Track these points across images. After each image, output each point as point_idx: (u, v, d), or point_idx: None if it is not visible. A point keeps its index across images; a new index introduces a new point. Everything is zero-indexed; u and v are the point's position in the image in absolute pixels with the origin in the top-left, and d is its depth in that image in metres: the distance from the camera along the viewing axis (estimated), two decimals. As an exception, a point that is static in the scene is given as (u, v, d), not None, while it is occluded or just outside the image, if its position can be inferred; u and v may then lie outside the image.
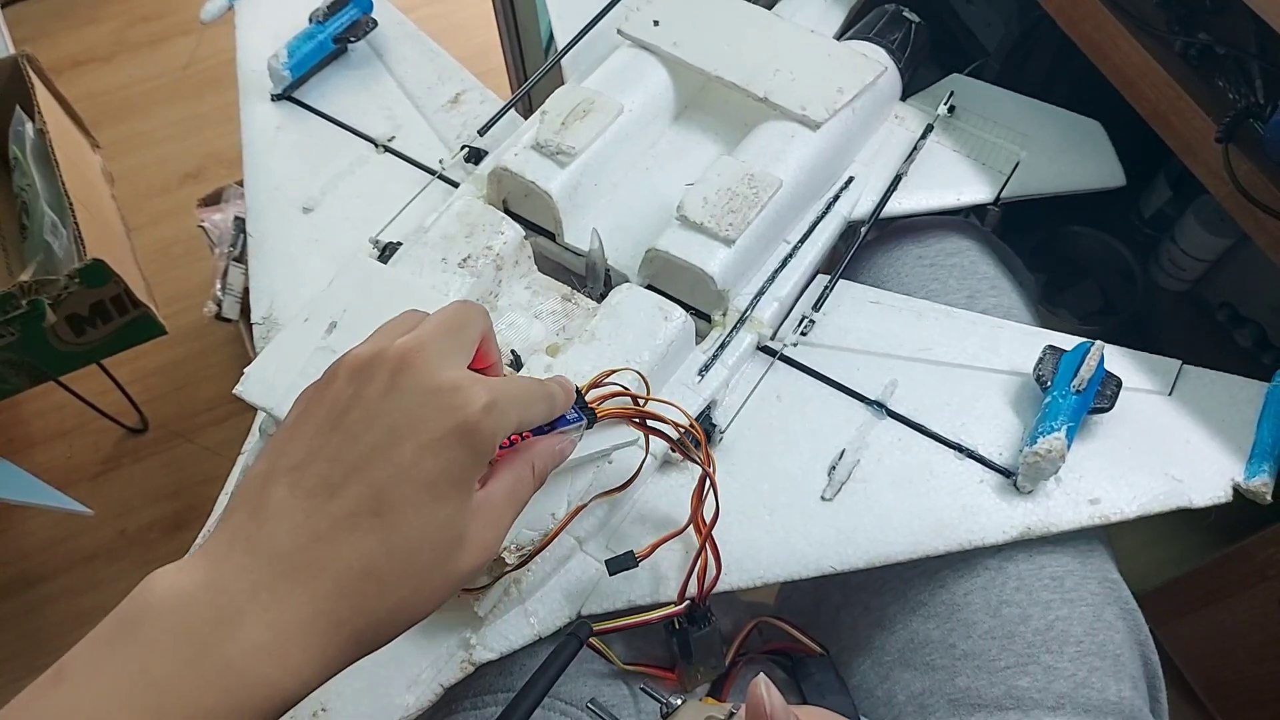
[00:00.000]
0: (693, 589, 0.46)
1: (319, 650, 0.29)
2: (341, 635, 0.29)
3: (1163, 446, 0.51)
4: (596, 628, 0.44)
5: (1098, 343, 0.51)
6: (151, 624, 0.28)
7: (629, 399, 0.45)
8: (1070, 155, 0.64)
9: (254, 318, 0.59)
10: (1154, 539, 0.90)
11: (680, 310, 0.51)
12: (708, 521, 0.45)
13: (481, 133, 0.65)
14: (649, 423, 0.45)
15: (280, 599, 0.28)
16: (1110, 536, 0.54)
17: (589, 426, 0.42)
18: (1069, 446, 0.48)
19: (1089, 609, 0.48)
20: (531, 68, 1.09)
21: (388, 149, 0.66)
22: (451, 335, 0.35)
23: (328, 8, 0.68)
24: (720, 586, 0.47)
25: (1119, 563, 0.52)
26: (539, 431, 0.39)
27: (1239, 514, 0.52)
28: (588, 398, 0.45)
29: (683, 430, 0.45)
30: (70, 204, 0.89)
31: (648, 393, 0.45)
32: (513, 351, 0.52)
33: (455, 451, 0.31)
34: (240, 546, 0.29)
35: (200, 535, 0.51)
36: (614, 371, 0.46)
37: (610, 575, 0.46)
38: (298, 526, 0.29)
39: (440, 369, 0.33)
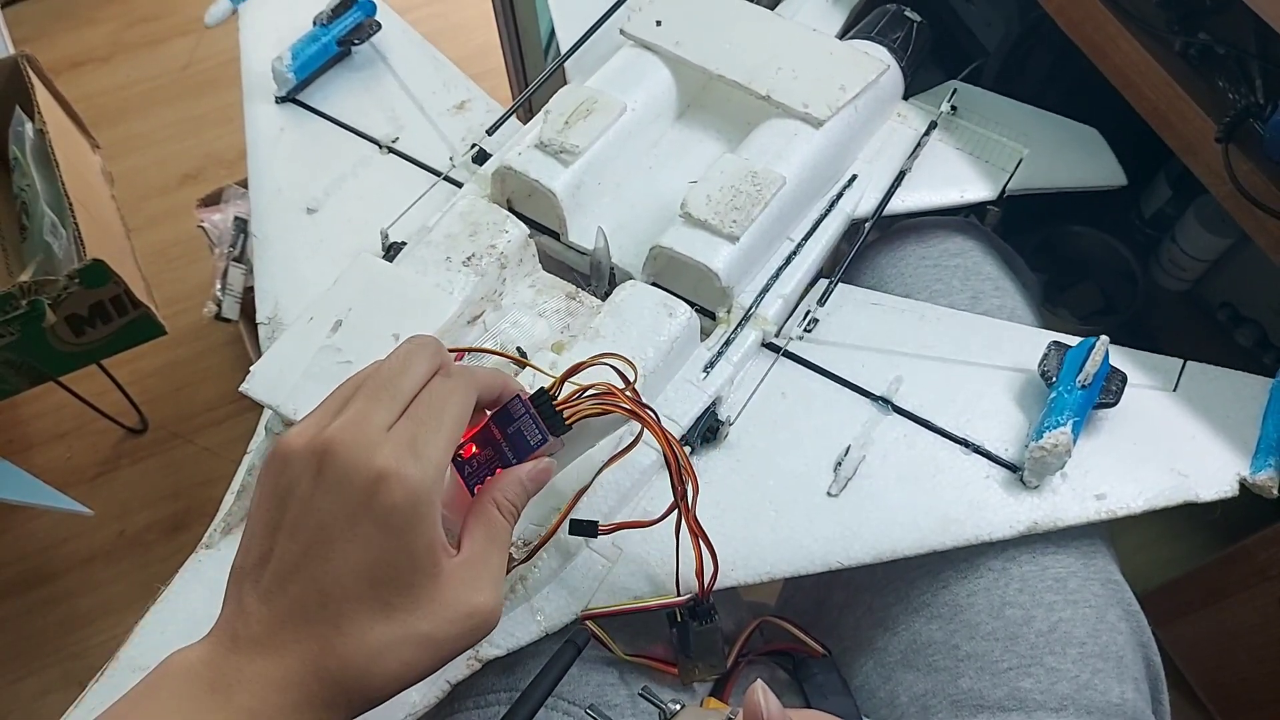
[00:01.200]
0: (693, 584, 0.46)
1: (297, 715, 0.33)
2: (316, 703, 0.33)
3: (1168, 442, 0.51)
4: (597, 612, 0.45)
5: (1103, 337, 0.51)
6: (165, 689, 0.33)
7: (617, 380, 0.43)
8: (1071, 156, 0.64)
9: (259, 318, 0.59)
10: (1155, 539, 0.90)
11: (685, 306, 0.51)
12: (686, 515, 0.44)
13: (490, 132, 0.65)
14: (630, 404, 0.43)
15: (259, 675, 0.33)
16: (1111, 537, 0.54)
17: (560, 435, 0.41)
18: (1075, 441, 0.48)
19: (1092, 610, 0.48)
20: (531, 68, 1.10)
21: (391, 150, 0.66)
22: (380, 397, 0.36)
23: (331, 10, 0.68)
24: (726, 582, 0.47)
25: (1120, 563, 0.52)
26: (506, 463, 0.40)
27: (1242, 513, 0.52)
28: (570, 385, 0.42)
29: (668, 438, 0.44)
30: (70, 204, 0.89)
31: (635, 376, 0.43)
32: (519, 349, 0.52)
33: (381, 536, 0.33)
34: (228, 634, 0.34)
35: (204, 537, 0.51)
36: (592, 362, 0.43)
37: (569, 535, 0.46)
38: (262, 620, 0.34)
39: (357, 454, 0.34)
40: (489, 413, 0.41)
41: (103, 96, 1.51)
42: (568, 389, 0.41)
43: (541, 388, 0.41)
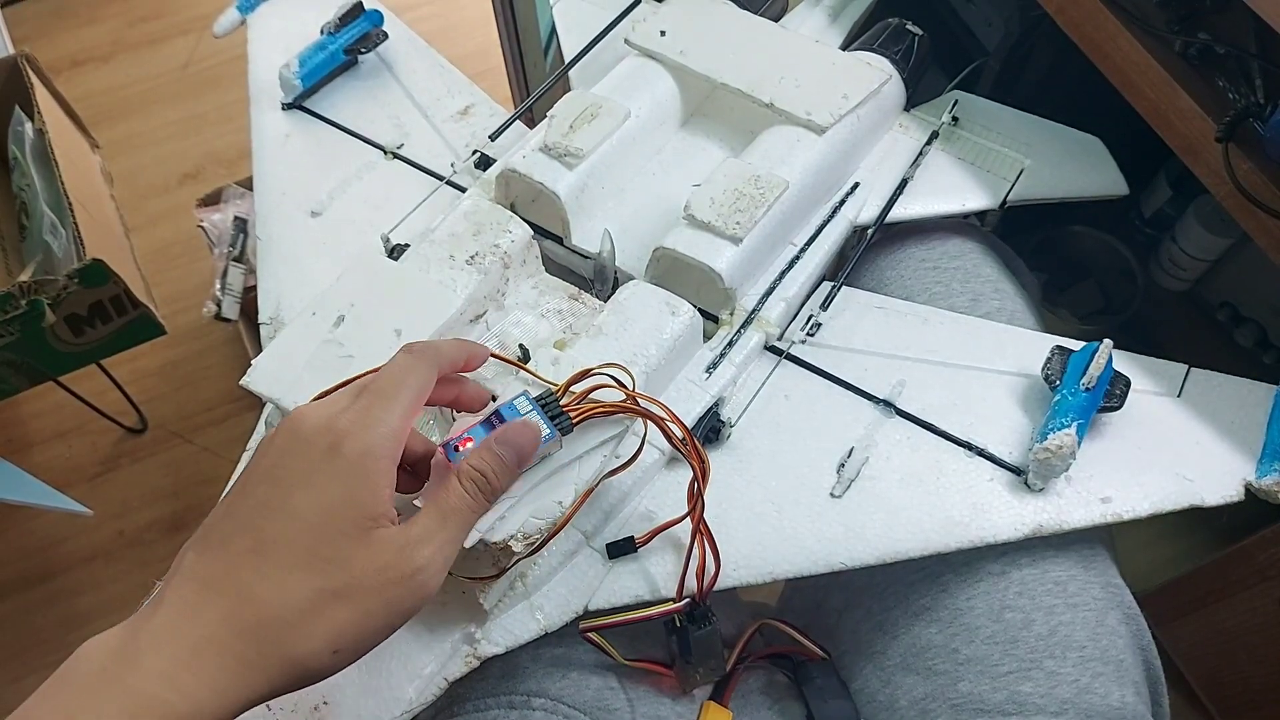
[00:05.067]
0: (692, 586, 0.46)
1: (208, 674, 0.32)
2: (227, 659, 0.32)
3: (1173, 447, 0.51)
4: (597, 624, 0.45)
5: (1106, 341, 0.51)
6: (75, 671, 0.33)
7: (616, 391, 0.45)
8: (1073, 166, 0.64)
9: (261, 319, 0.59)
10: (1155, 539, 0.90)
11: (688, 305, 0.51)
12: (699, 514, 0.45)
13: (493, 138, 0.65)
14: (640, 403, 0.45)
15: (175, 634, 0.33)
16: (1112, 539, 0.54)
17: (566, 433, 0.43)
18: (1079, 444, 0.48)
19: (1092, 614, 0.48)
20: (531, 68, 1.09)
21: (396, 155, 0.66)
22: (351, 390, 0.39)
23: (339, 20, 0.69)
24: (729, 583, 0.47)
25: (1120, 564, 0.52)
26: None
27: (1244, 515, 0.52)
28: (575, 389, 0.44)
29: (672, 429, 0.45)
30: (69, 204, 0.89)
31: (633, 386, 0.45)
32: (520, 345, 0.52)
33: (332, 485, 0.35)
34: (153, 605, 0.34)
35: (200, 530, 0.51)
36: (594, 371, 0.45)
37: (609, 559, 0.47)
38: (194, 577, 0.34)
39: (322, 419, 0.37)
40: (494, 400, 0.41)
41: (103, 96, 1.51)
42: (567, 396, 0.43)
43: (549, 388, 0.42)
